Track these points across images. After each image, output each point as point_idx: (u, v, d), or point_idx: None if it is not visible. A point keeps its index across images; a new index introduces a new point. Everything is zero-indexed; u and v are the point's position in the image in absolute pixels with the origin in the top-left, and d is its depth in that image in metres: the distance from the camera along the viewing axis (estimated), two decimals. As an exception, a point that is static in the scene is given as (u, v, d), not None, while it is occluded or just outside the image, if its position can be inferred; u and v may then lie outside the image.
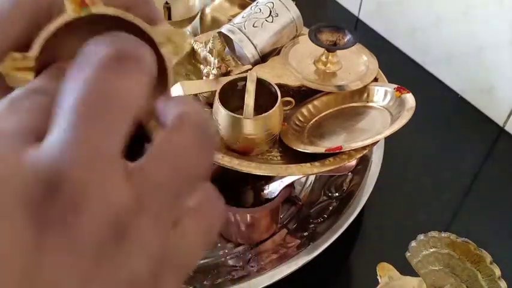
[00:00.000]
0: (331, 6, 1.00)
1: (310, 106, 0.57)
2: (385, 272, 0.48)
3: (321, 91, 0.56)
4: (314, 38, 0.55)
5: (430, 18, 0.79)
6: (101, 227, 0.15)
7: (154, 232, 0.16)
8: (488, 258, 0.37)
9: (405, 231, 0.60)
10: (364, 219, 0.62)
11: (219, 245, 0.58)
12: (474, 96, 0.78)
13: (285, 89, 0.56)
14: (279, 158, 0.53)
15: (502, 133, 0.75)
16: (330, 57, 0.57)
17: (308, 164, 0.49)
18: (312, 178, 0.65)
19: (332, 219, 0.57)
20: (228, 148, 0.53)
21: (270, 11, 0.57)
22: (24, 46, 0.18)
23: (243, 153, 0.52)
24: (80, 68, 0.16)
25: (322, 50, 0.57)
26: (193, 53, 0.62)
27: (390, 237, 0.60)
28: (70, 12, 0.18)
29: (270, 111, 0.49)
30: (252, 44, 0.57)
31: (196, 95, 0.59)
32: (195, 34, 0.82)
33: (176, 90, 0.54)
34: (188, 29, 0.82)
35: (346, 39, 0.56)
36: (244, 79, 0.53)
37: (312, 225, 0.57)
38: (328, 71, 0.57)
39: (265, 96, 0.52)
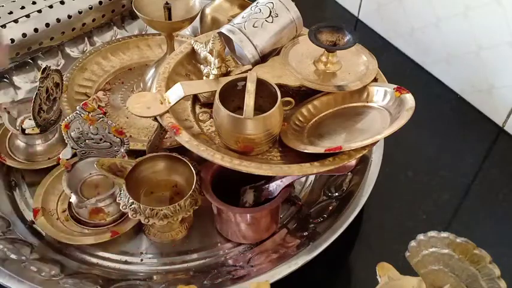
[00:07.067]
0: (331, 6, 1.00)
1: (310, 106, 0.57)
2: (385, 272, 0.48)
3: (320, 91, 0.56)
4: (314, 38, 0.55)
5: (430, 18, 0.79)
6: None
7: None
8: (487, 258, 0.37)
9: (405, 231, 0.60)
10: (364, 219, 0.62)
11: (219, 245, 0.58)
12: (473, 97, 0.78)
13: (285, 89, 0.56)
14: (279, 158, 0.53)
15: (501, 133, 0.75)
16: (329, 57, 0.57)
17: (308, 164, 0.49)
18: (312, 178, 0.65)
19: (332, 219, 0.57)
20: (228, 148, 0.53)
21: (270, 12, 0.57)
22: None
23: (243, 153, 0.52)
24: None
25: (322, 50, 0.57)
26: (193, 53, 0.62)
27: (390, 237, 0.60)
28: None
29: (270, 111, 0.50)
30: (252, 44, 0.57)
31: (196, 95, 0.59)
32: (195, 34, 0.82)
33: (176, 90, 0.54)
34: (188, 29, 0.82)
35: (346, 40, 0.56)
36: (244, 79, 0.53)
37: (312, 225, 0.57)
38: (328, 71, 0.57)
39: (265, 96, 0.52)
